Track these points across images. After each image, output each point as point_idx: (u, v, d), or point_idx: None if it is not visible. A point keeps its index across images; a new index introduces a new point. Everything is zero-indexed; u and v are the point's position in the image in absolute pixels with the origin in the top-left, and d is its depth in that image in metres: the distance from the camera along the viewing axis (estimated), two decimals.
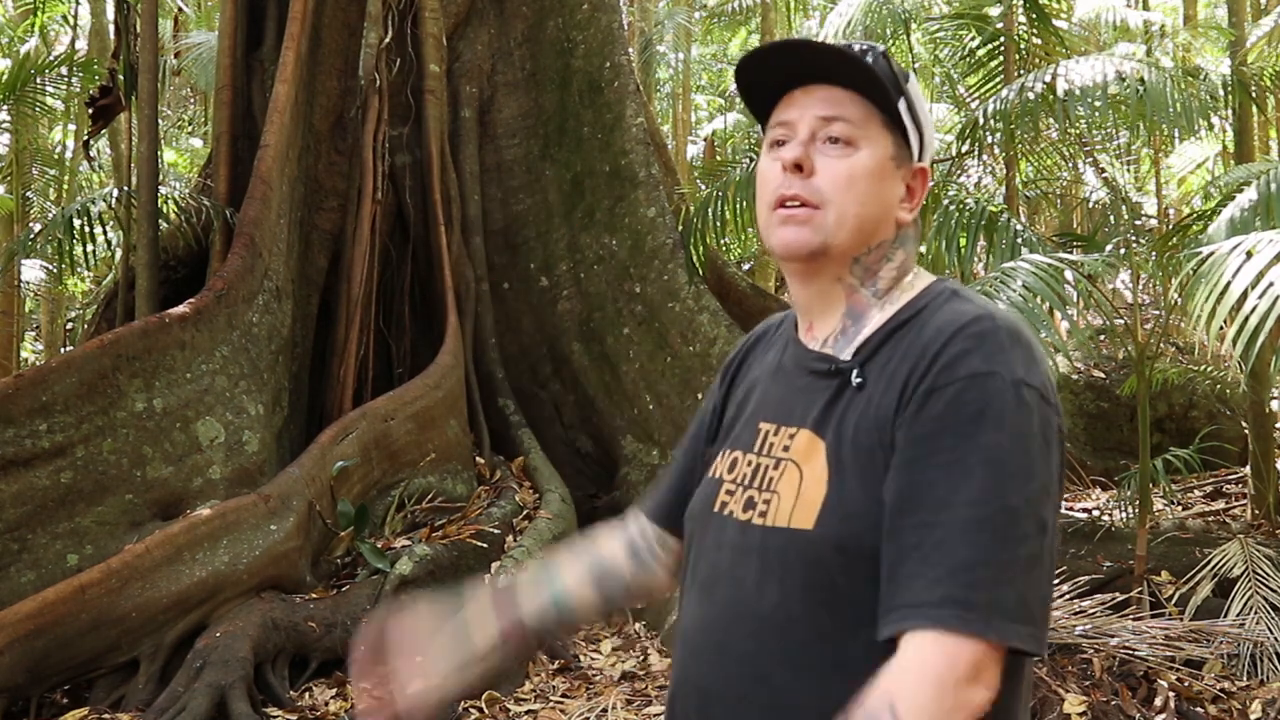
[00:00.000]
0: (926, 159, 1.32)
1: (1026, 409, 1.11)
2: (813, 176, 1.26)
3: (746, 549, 1.23)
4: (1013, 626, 1.05)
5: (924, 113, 1.30)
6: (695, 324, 7.00)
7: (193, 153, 16.68)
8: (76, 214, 6.37)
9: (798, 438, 1.24)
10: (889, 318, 1.26)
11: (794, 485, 1.21)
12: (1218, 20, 13.54)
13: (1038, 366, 1.15)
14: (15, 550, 4.69)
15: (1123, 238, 5.26)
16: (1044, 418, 1.12)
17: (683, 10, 16.01)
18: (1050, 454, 1.12)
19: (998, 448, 1.08)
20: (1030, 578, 1.07)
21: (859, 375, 1.22)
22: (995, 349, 1.14)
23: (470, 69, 7.75)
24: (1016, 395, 1.11)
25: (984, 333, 1.15)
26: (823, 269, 1.28)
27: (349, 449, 5.68)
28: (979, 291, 4.17)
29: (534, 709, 4.59)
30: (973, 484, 1.07)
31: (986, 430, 1.09)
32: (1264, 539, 5.13)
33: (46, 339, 13.00)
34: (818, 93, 1.27)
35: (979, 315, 1.18)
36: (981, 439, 1.09)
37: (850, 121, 1.26)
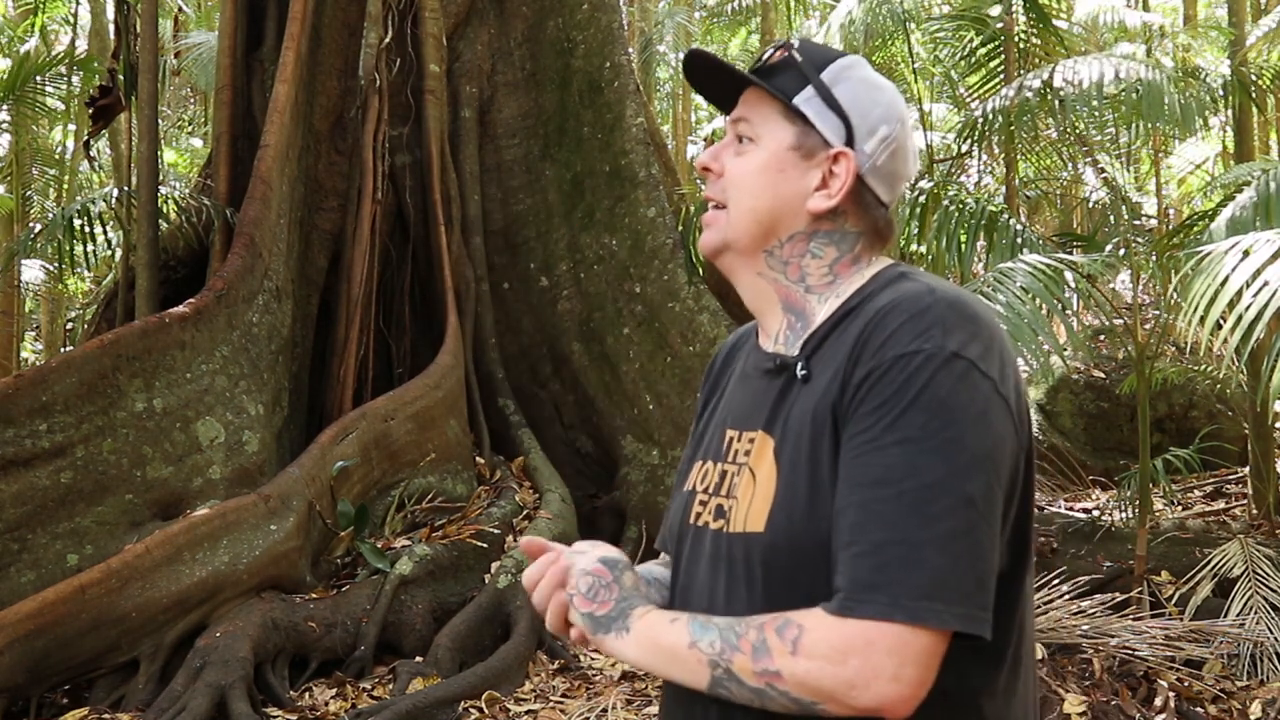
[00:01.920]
0: (866, 144, 1.25)
1: (955, 381, 1.07)
2: (721, 178, 1.29)
3: (716, 558, 1.22)
4: (927, 605, 1.01)
5: (855, 96, 1.25)
6: (695, 324, 7.00)
7: (193, 153, 16.68)
8: (76, 214, 6.37)
9: (756, 440, 1.23)
10: (834, 309, 1.23)
11: (749, 489, 1.20)
12: (1218, 20, 13.55)
13: (979, 339, 1.11)
14: (15, 550, 4.69)
15: (1123, 238, 5.26)
16: (978, 388, 1.08)
17: (683, 10, 16.01)
18: (987, 425, 1.07)
19: (916, 424, 1.05)
20: (950, 554, 1.02)
21: (804, 368, 1.20)
22: (926, 325, 1.10)
23: (470, 69, 7.75)
24: (944, 368, 1.07)
25: (918, 310, 1.12)
26: (735, 266, 1.30)
27: (349, 449, 5.68)
28: (975, 292, 4.17)
29: (534, 709, 4.59)
30: (887, 463, 1.05)
31: (905, 408, 1.06)
32: (1264, 539, 5.13)
33: (46, 339, 13.00)
34: (742, 96, 1.30)
35: (917, 293, 1.14)
36: (901, 418, 1.06)
37: (750, 120, 1.28)
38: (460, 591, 5.36)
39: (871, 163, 1.25)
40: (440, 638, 4.91)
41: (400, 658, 4.89)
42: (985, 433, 1.07)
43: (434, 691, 4.40)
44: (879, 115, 1.25)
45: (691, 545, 1.29)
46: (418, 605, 5.13)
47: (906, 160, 1.28)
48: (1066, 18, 9.09)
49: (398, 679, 4.60)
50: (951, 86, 11.78)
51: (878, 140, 1.25)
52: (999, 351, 1.12)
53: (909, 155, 1.28)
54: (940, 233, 5.41)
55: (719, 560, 1.21)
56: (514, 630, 5.08)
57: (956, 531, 1.03)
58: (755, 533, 1.16)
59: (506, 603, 5.26)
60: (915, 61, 10.72)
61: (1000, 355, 1.12)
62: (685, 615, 1.17)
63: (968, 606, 1.03)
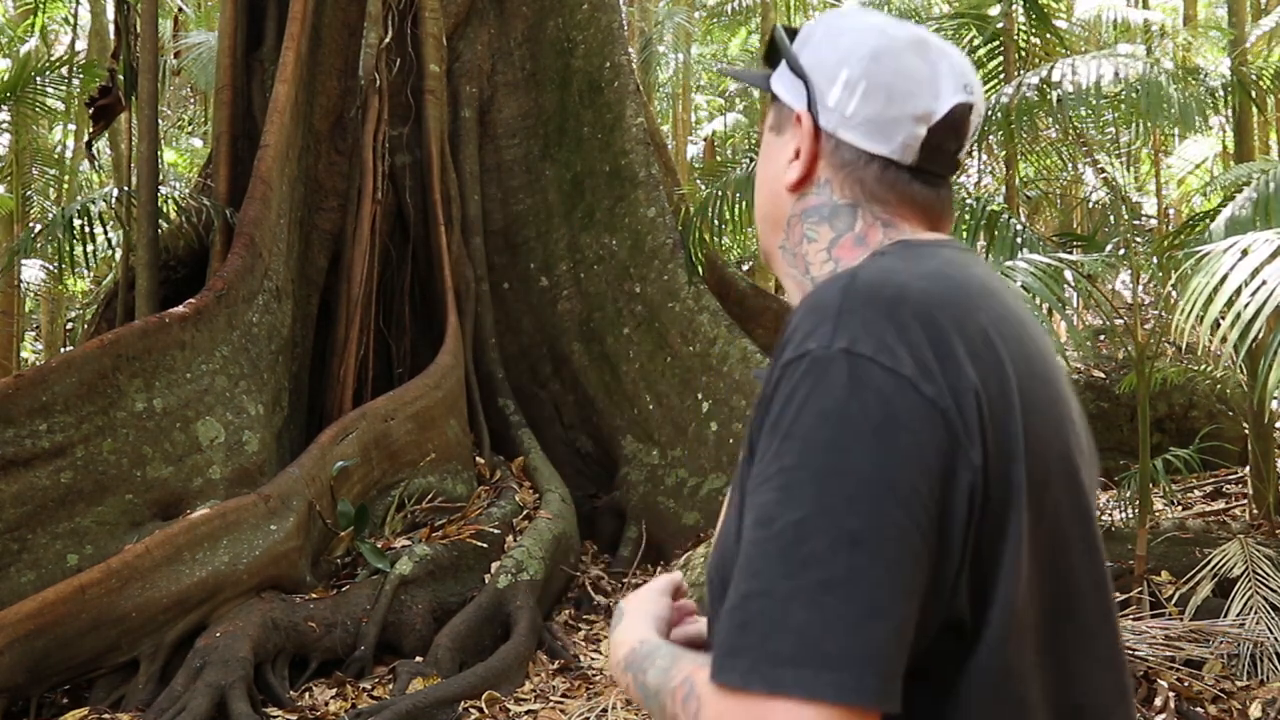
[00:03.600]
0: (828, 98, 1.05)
1: (836, 388, 0.85)
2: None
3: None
4: (794, 673, 0.80)
5: (816, 51, 1.08)
6: (695, 324, 7.00)
7: (193, 153, 16.68)
8: (76, 214, 6.37)
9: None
10: None
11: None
12: (1218, 20, 13.55)
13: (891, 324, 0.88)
14: (15, 550, 4.70)
15: (1123, 238, 5.26)
16: (874, 389, 0.85)
17: (683, 10, 16.01)
18: (888, 436, 0.84)
19: (795, 448, 0.85)
20: (822, 608, 0.80)
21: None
22: (818, 320, 0.89)
23: (470, 69, 7.76)
24: (825, 373, 0.86)
25: (819, 301, 0.91)
26: (781, 272, 1.15)
27: (349, 449, 5.68)
28: None
29: (534, 709, 4.59)
30: (764, 499, 0.86)
31: (788, 429, 0.86)
32: (1264, 539, 5.13)
33: (46, 339, 13.00)
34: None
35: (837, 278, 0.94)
36: (785, 441, 0.86)
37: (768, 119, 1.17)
38: (460, 591, 5.36)
39: (839, 114, 1.04)
40: (440, 638, 4.91)
41: (400, 658, 4.89)
42: (884, 447, 0.84)
43: (434, 691, 4.40)
44: (835, 60, 1.05)
45: None
46: (418, 605, 5.13)
47: (887, 97, 1.03)
48: (1066, 17, 9.09)
49: (398, 679, 4.60)
50: None
51: (840, 88, 1.04)
52: (929, 337, 0.88)
53: (889, 89, 1.03)
54: None
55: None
56: (514, 630, 5.09)
57: (832, 580, 0.81)
58: (710, 559, 1.03)
59: (506, 603, 5.26)
60: None
61: (931, 342, 0.88)
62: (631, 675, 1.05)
63: (837, 671, 0.80)
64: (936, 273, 0.96)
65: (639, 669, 1.03)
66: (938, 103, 1.04)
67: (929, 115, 1.03)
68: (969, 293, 0.96)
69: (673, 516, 6.54)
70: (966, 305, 0.94)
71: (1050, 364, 1.01)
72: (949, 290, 0.94)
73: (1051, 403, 0.97)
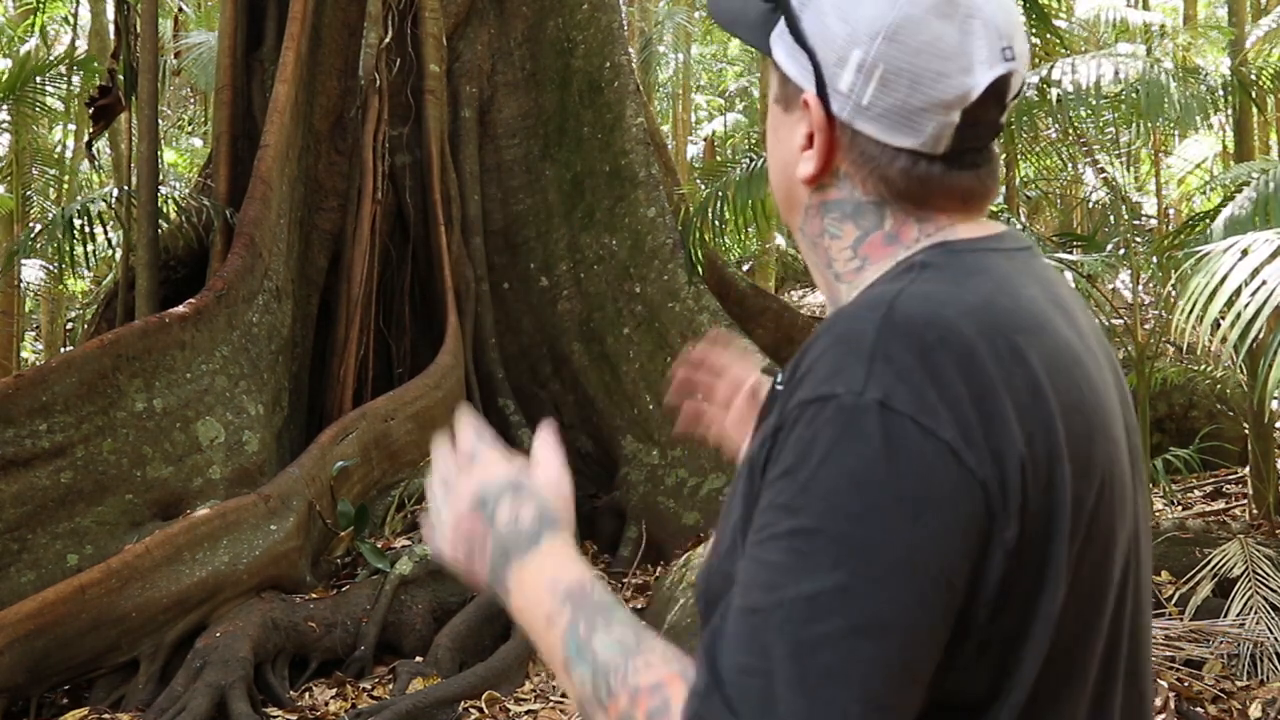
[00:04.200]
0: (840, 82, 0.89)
1: (866, 445, 0.75)
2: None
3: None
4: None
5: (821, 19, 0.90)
6: (695, 324, 7.00)
7: (193, 153, 16.69)
8: (76, 214, 6.38)
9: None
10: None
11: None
12: (1218, 20, 13.55)
13: (929, 377, 0.77)
14: (15, 550, 4.70)
15: (1123, 238, 5.27)
16: (911, 455, 0.75)
17: (683, 10, 16.01)
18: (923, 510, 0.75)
19: (815, 509, 0.75)
20: (821, 700, 0.72)
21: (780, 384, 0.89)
22: (848, 357, 0.79)
23: (470, 69, 7.76)
24: (855, 425, 0.76)
25: (851, 333, 0.80)
26: (807, 257, 1.01)
27: (349, 449, 5.68)
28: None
29: (534, 709, 4.59)
30: (773, 560, 0.76)
31: (805, 484, 0.76)
32: (1264, 539, 5.13)
33: (46, 339, 13.00)
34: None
35: (875, 303, 0.83)
36: (799, 496, 0.76)
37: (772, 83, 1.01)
38: (460, 591, 5.36)
39: (853, 103, 0.89)
40: (440, 638, 4.91)
41: (400, 658, 4.89)
42: (917, 525, 0.75)
43: (434, 691, 4.40)
44: (846, 37, 0.88)
45: None
46: (418, 605, 5.13)
47: (911, 83, 0.87)
48: (1066, 17, 9.09)
49: (398, 679, 4.60)
50: None
51: (852, 71, 0.88)
52: (972, 394, 0.78)
53: (912, 74, 0.87)
54: None
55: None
56: (514, 630, 5.08)
57: (836, 670, 0.73)
58: (700, 573, 0.93)
59: None
60: None
61: (975, 399, 0.78)
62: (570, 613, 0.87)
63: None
64: (987, 303, 0.84)
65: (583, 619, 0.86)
66: (972, 79, 0.87)
67: (964, 97, 0.87)
68: (1021, 327, 0.84)
69: (673, 516, 6.54)
70: (1017, 348, 0.82)
71: (1104, 395, 0.89)
72: (999, 329, 0.82)
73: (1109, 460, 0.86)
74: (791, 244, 15.66)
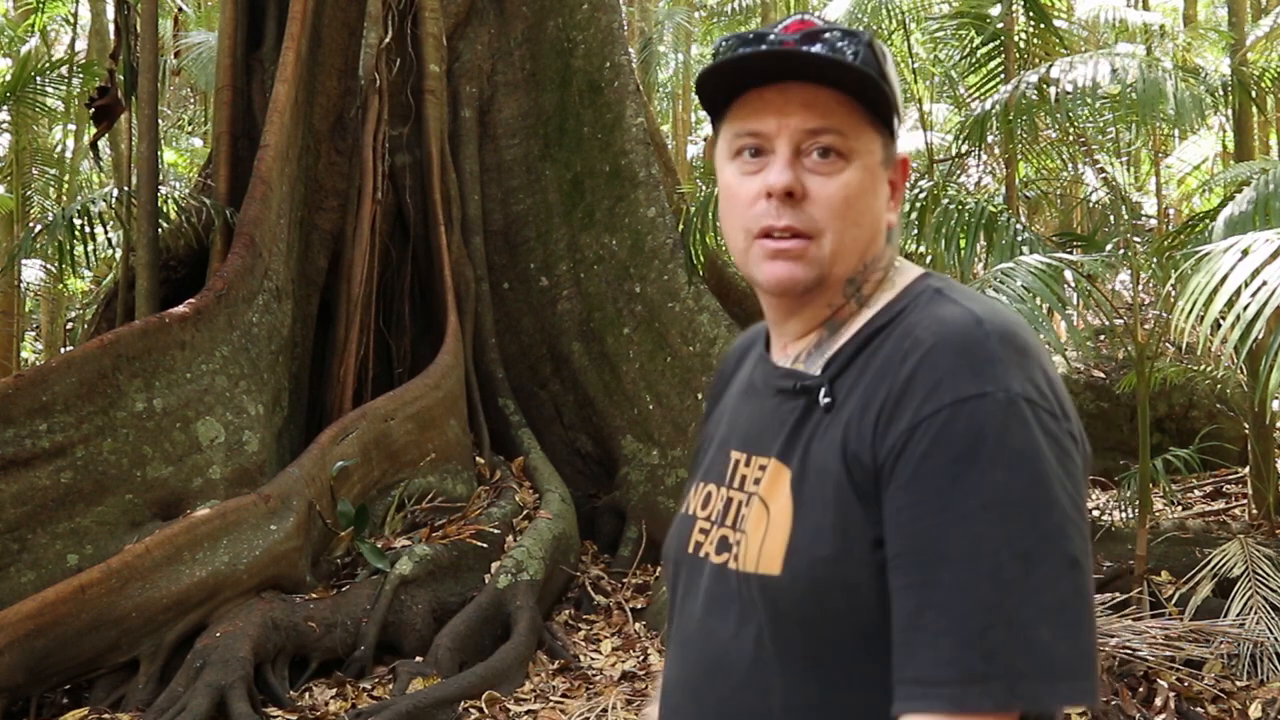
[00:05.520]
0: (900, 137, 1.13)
1: (1028, 430, 0.95)
2: (804, 202, 1.06)
3: (722, 597, 1.09)
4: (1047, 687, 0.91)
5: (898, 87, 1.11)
6: (695, 324, 7.00)
7: (193, 153, 16.68)
8: (76, 214, 6.37)
9: (768, 469, 1.09)
10: (863, 324, 1.09)
11: (761, 524, 1.06)
12: (1218, 20, 13.55)
13: (1039, 372, 0.98)
14: (15, 550, 4.70)
15: (1123, 238, 5.27)
16: (1052, 434, 0.96)
17: (683, 10, 16.01)
18: (1069, 475, 0.96)
19: (998, 484, 0.93)
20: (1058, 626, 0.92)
21: (827, 394, 1.06)
22: (982, 362, 0.97)
23: (470, 69, 7.76)
24: (1014, 415, 0.94)
25: (968, 343, 0.98)
26: (815, 299, 1.11)
27: (349, 449, 5.68)
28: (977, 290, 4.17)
29: (534, 709, 4.59)
30: (975, 531, 0.92)
31: (982, 465, 0.93)
32: (1264, 539, 5.13)
33: (46, 339, 13.00)
34: (795, 94, 1.06)
35: (962, 320, 1.00)
36: (978, 477, 0.93)
37: (841, 132, 1.07)
38: (460, 591, 5.36)
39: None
40: (440, 638, 4.91)
41: (400, 658, 4.89)
42: (1069, 482, 0.96)
43: (434, 691, 4.40)
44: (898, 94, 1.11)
45: (689, 576, 1.16)
46: (418, 605, 5.13)
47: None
48: (1066, 17, 9.09)
49: (398, 679, 4.60)
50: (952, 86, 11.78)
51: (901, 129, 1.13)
52: (1059, 384, 1.01)
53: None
54: (940, 233, 5.41)
55: (725, 601, 1.08)
56: (514, 630, 5.08)
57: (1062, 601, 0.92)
58: (770, 575, 1.03)
59: (506, 603, 5.26)
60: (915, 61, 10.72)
61: (1061, 388, 1.01)
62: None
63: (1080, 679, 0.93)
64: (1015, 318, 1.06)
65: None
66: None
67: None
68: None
69: (672, 516, 6.52)
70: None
71: None
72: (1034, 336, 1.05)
73: None
74: None
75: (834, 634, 1.01)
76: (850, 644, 1.00)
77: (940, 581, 0.93)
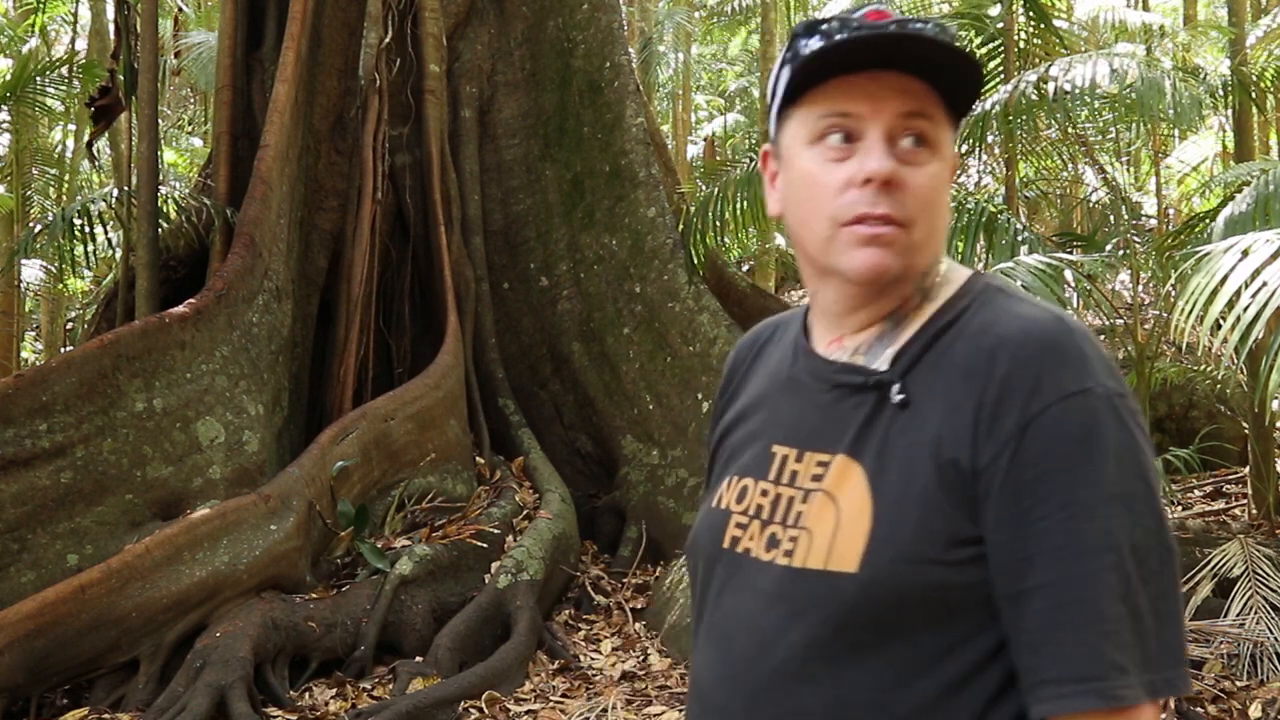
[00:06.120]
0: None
1: (1125, 423, 0.98)
2: (898, 191, 1.05)
3: (770, 594, 1.07)
4: (1173, 674, 0.96)
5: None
6: (695, 324, 7.00)
7: (193, 153, 16.68)
8: (76, 214, 6.37)
9: (831, 465, 1.07)
10: (926, 320, 1.09)
11: (829, 520, 1.04)
12: (1218, 20, 13.55)
13: (1114, 371, 1.01)
14: (15, 550, 4.69)
15: (1123, 237, 5.27)
16: (1141, 427, 1.00)
17: (683, 10, 16.02)
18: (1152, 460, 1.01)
19: (1112, 478, 0.96)
20: (1170, 613, 0.97)
21: (901, 391, 1.05)
22: (1077, 359, 0.99)
23: (470, 69, 7.76)
24: (1113, 410, 0.98)
25: (1058, 342, 1.00)
26: (891, 291, 1.10)
27: (349, 449, 5.68)
28: None
29: (534, 709, 4.59)
30: (1099, 526, 0.95)
31: (1096, 460, 0.96)
32: (1264, 539, 5.13)
33: (46, 339, 13.00)
34: (888, 80, 1.05)
35: (1046, 319, 1.03)
36: (1095, 472, 0.96)
37: (932, 119, 1.07)
38: (460, 591, 5.36)
39: None
40: (440, 638, 4.91)
41: (400, 658, 4.89)
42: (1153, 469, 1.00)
43: (434, 691, 4.40)
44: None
45: (724, 572, 1.13)
46: (418, 605, 5.13)
47: None
48: (1066, 17, 9.09)
49: (398, 679, 4.60)
50: None
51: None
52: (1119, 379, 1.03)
53: None
54: None
55: (774, 598, 1.06)
56: (514, 630, 5.08)
57: (1167, 589, 0.97)
58: (843, 572, 1.02)
59: (506, 603, 5.26)
60: None
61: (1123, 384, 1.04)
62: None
63: (1185, 665, 0.97)
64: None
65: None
66: None
67: None
68: None
69: (673, 516, 6.54)
70: None
71: None
72: None
73: None
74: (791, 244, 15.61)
75: (906, 631, 1.00)
76: (920, 641, 1.00)
77: (1075, 577, 0.95)
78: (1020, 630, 0.97)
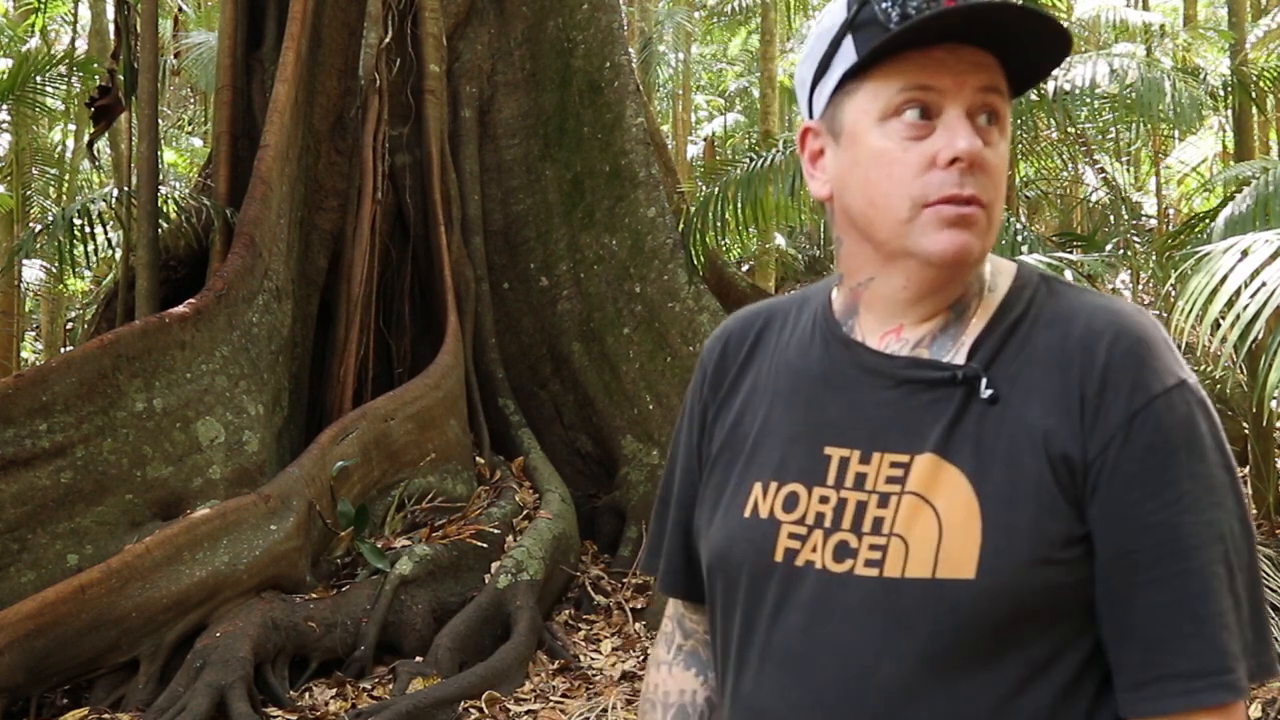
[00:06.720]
0: None
1: (1212, 415, 0.99)
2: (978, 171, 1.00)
3: (860, 609, 0.99)
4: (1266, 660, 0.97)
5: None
6: (695, 324, 7.00)
7: (193, 153, 16.68)
8: (76, 214, 6.37)
9: (914, 466, 1.00)
10: (993, 313, 1.04)
11: (928, 525, 0.98)
12: (1218, 20, 13.55)
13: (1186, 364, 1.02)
14: (15, 550, 4.69)
15: (1123, 238, 5.27)
16: (1216, 417, 1.01)
17: (683, 10, 16.02)
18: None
19: (1213, 471, 0.97)
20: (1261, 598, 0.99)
21: (988, 385, 1.00)
22: (1165, 353, 0.99)
23: (470, 69, 7.76)
24: (1202, 402, 0.99)
25: (1146, 335, 0.99)
26: (960, 277, 1.05)
27: (349, 449, 5.68)
28: None
29: (534, 709, 4.59)
30: (1207, 519, 0.95)
31: (1199, 453, 0.97)
32: (1264, 539, 5.13)
33: (46, 339, 13.00)
34: (965, 54, 0.99)
35: (1127, 311, 1.02)
36: (1198, 465, 0.96)
37: (1003, 95, 1.02)
38: (460, 591, 5.36)
39: None
40: (440, 638, 4.91)
41: (400, 658, 4.89)
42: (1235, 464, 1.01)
43: (434, 691, 4.40)
44: None
45: (781, 589, 1.04)
46: (418, 605, 5.13)
47: None
48: (1067, 17, 9.09)
49: (398, 679, 4.60)
50: None
51: None
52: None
53: None
54: None
55: (864, 611, 0.99)
56: (514, 630, 5.09)
57: (1256, 576, 0.99)
58: (959, 579, 0.96)
59: (506, 603, 5.26)
60: None
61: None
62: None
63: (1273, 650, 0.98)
64: None
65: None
66: None
67: None
68: None
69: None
70: None
71: None
72: None
73: None
74: (791, 244, 15.63)
75: (1022, 638, 0.96)
76: (1034, 647, 0.97)
77: (1191, 570, 0.94)
78: (1129, 627, 0.95)
